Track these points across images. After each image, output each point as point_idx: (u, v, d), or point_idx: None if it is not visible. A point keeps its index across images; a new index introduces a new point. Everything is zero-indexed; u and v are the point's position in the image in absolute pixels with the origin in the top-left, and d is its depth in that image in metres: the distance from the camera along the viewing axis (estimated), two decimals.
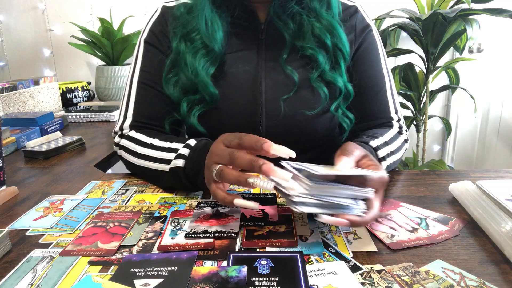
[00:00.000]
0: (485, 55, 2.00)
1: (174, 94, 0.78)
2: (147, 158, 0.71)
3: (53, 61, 2.03)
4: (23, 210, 0.64)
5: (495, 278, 0.43)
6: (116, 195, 0.69)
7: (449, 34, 1.73)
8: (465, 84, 1.92)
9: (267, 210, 0.60)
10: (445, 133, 2.11)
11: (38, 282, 0.44)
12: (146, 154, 0.71)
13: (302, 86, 0.78)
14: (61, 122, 1.23)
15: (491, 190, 0.57)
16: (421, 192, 0.67)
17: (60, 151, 0.97)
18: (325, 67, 0.77)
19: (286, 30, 0.78)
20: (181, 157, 0.65)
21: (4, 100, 1.29)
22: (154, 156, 0.69)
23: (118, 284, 0.42)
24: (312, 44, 0.77)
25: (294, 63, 0.79)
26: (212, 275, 0.44)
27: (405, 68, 1.82)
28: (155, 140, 0.72)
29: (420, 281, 0.43)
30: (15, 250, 0.52)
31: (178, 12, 0.80)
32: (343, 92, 0.79)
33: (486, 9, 1.59)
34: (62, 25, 1.96)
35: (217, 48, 0.76)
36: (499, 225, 0.51)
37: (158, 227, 0.56)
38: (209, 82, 0.75)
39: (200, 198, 0.66)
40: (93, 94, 1.80)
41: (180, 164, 0.64)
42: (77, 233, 0.55)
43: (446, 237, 0.52)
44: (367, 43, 0.83)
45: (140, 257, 0.48)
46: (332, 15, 0.79)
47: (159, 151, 0.69)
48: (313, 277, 0.43)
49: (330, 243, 0.51)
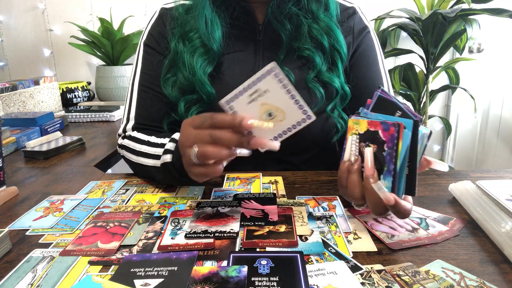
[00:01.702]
0: (485, 55, 2.00)
1: (172, 94, 0.79)
2: (143, 155, 0.72)
3: (53, 61, 2.03)
4: (23, 210, 0.64)
5: (495, 278, 0.43)
6: (116, 195, 0.69)
7: (449, 34, 1.73)
8: (465, 84, 1.92)
9: (267, 210, 0.60)
10: (445, 133, 2.11)
11: (38, 282, 0.44)
12: (142, 151, 0.72)
13: (298, 86, 0.78)
14: (61, 122, 1.23)
15: (491, 190, 0.58)
16: (421, 192, 0.67)
17: (60, 151, 0.97)
18: (322, 67, 0.78)
19: (283, 31, 0.78)
20: (168, 152, 0.65)
21: (4, 100, 1.29)
22: (148, 152, 0.71)
23: (118, 284, 0.42)
24: (309, 45, 0.78)
25: (291, 64, 0.79)
26: (212, 275, 0.44)
27: (405, 68, 1.81)
28: (152, 137, 0.73)
29: (420, 281, 0.43)
30: (15, 250, 0.52)
31: (177, 13, 0.81)
32: (339, 93, 0.79)
33: (486, 9, 1.59)
34: (62, 25, 1.96)
35: (216, 47, 0.77)
36: (499, 225, 0.51)
37: (158, 227, 0.56)
38: (206, 81, 0.76)
39: (200, 198, 0.66)
40: (93, 94, 1.80)
41: (168, 159, 0.65)
42: (77, 233, 0.55)
43: (446, 237, 0.52)
44: (365, 45, 0.84)
45: (140, 257, 0.48)
46: (329, 16, 0.79)
47: (152, 147, 0.71)
48: (313, 277, 0.43)
49: (330, 243, 0.51)
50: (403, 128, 0.47)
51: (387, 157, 0.48)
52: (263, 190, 0.69)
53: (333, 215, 0.59)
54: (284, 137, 0.53)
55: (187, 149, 0.54)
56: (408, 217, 0.54)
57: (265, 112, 0.50)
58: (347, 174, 0.53)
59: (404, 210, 0.49)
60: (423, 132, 0.48)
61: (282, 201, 0.64)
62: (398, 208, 0.49)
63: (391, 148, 0.48)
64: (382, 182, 0.49)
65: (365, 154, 0.50)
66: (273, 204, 0.62)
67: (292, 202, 0.63)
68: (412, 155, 0.47)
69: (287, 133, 0.53)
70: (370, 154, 0.50)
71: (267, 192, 0.67)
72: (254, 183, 0.72)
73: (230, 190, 0.69)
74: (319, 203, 0.63)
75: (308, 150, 0.85)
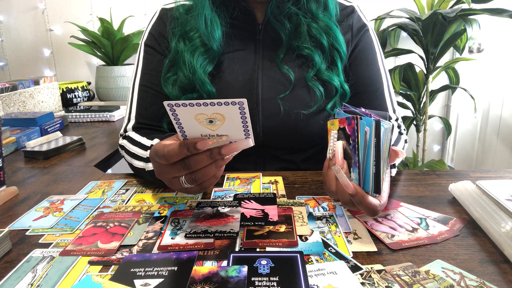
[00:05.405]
0: (485, 55, 2.00)
1: (172, 93, 0.79)
2: (134, 156, 0.72)
3: (53, 61, 2.03)
4: (23, 210, 0.64)
5: (495, 278, 0.43)
6: (116, 195, 0.69)
7: (449, 34, 1.73)
8: (465, 84, 1.92)
9: (267, 210, 0.60)
10: (445, 133, 2.11)
11: (38, 282, 0.44)
12: (133, 152, 0.73)
13: (298, 85, 0.79)
14: (61, 122, 1.23)
15: (491, 190, 0.57)
16: (421, 192, 0.67)
17: (60, 151, 0.97)
18: (321, 66, 0.78)
19: (282, 30, 0.79)
20: (149, 161, 0.66)
21: (4, 100, 1.29)
22: (137, 154, 0.71)
23: (118, 284, 0.42)
24: (308, 44, 0.78)
25: (291, 63, 0.80)
26: (212, 275, 0.44)
27: (405, 68, 1.81)
28: (143, 138, 0.73)
29: (420, 281, 0.43)
30: (15, 250, 0.52)
31: (177, 13, 0.82)
32: (339, 92, 0.79)
33: (486, 9, 1.59)
34: (62, 25, 1.96)
35: (216, 46, 0.77)
36: (499, 225, 0.51)
37: (158, 227, 0.56)
38: (206, 80, 0.76)
39: (200, 198, 0.66)
40: (93, 94, 1.80)
41: (151, 167, 0.65)
42: (77, 233, 0.55)
43: (446, 237, 0.52)
44: (364, 43, 0.84)
45: (140, 257, 0.48)
46: (329, 16, 0.80)
47: (141, 149, 0.71)
48: (313, 277, 0.43)
49: (330, 243, 0.51)
50: (360, 119, 0.50)
51: (352, 149, 0.51)
52: (263, 190, 0.69)
53: (333, 215, 0.59)
54: (250, 131, 0.50)
55: (174, 181, 0.54)
56: (376, 216, 0.56)
57: (204, 120, 0.48)
58: (327, 170, 0.55)
59: (370, 207, 0.49)
60: (386, 127, 0.50)
61: (282, 201, 0.64)
62: (364, 204, 0.49)
63: (354, 140, 0.51)
64: (352, 174, 0.51)
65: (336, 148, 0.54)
66: (273, 204, 0.62)
67: (292, 202, 0.63)
68: (377, 154, 0.49)
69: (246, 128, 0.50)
70: (339, 147, 0.53)
71: (267, 192, 0.67)
72: (254, 183, 0.72)
73: (230, 190, 0.69)
74: (319, 203, 0.63)
75: (308, 148, 0.85)
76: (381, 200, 0.50)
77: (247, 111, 0.46)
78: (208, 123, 0.48)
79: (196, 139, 0.49)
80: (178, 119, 0.48)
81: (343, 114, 0.55)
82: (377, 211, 0.50)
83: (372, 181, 0.50)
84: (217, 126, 0.49)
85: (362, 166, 0.50)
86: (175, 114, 0.48)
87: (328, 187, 0.54)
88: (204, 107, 0.46)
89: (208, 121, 0.48)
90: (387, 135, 0.50)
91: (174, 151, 0.50)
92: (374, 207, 0.49)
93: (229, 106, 0.45)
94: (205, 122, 0.48)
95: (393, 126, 0.52)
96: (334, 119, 0.55)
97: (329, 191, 0.54)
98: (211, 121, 0.48)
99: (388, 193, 0.53)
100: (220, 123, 0.48)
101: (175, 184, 0.54)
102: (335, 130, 0.55)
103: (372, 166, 0.50)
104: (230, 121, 0.48)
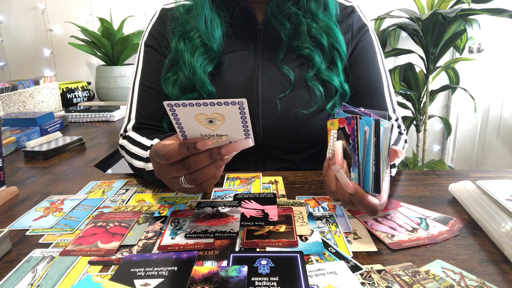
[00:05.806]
0: (485, 55, 2.00)
1: (172, 93, 0.79)
2: (134, 156, 0.72)
3: (53, 61, 2.03)
4: (23, 210, 0.64)
5: (495, 278, 0.43)
6: (116, 195, 0.69)
7: (449, 34, 1.73)
8: (465, 84, 1.92)
9: (267, 210, 0.60)
10: (445, 133, 2.11)
11: (38, 282, 0.44)
12: (133, 152, 0.73)
13: (298, 85, 0.79)
14: (61, 122, 1.23)
15: (491, 190, 0.57)
16: (421, 192, 0.67)
17: (60, 151, 0.97)
18: (321, 66, 0.78)
19: (282, 30, 0.79)
20: (149, 160, 0.66)
21: (4, 100, 1.29)
22: (137, 153, 0.71)
23: (118, 284, 0.42)
24: (308, 44, 0.78)
25: (291, 63, 0.80)
26: (212, 275, 0.44)
27: (405, 68, 1.81)
28: (143, 138, 0.73)
29: (420, 281, 0.43)
30: (15, 250, 0.52)
31: (177, 13, 0.82)
32: (339, 92, 0.79)
33: (486, 9, 1.59)
34: (62, 25, 1.96)
35: (216, 46, 0.77)
36: (499, 225, 0.51)
37: (158, 227, 0.56)
38: (206, 80, 0.76)
39: (200, 198, 0.66)
40: (93, 94, 1.80)
41: (151, 167, 0.65)
42: (77, 233, 0.55)
43: (446, 237, 0.52)
44: (364, 43, 0.84)
45: (140, 257, 0.48)
46: (329, 16, 0.80)
47: (141, 149, 0.71)
48: (313, 277, 0.43)
49: (330, 243, 0.51)
50: (359, 119, 0.50)
51: (352, 149, 0.51)
52: (263, 190, 0.69)
53: (333, 215, 0.59)
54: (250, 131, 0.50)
55: (174, 181, 0.54)
56: (376, 215, 0.56)
57: (204, 120, 0.48)
58: (327, 170, 0.55)
59: (370, 207, 0.49)
60: (385, 126, 0.50)
61: (282, 201, 0.64)
62: (364, 203, 0.49)
63: (354, 140, 0.51)
64: (352, 174, 0.51)
65: (336, 147, 0.54)
66: (273, 204, 0.62)
67: (292, 202, 0.63)
68: (376, 153, 0.49)
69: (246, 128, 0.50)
70: (339, 146, 0.53)
71: (267, 192, 0.67)
72: (254, 183, 0.72)
73: (230, 190, 0.69)
74: (319, 203, 0.63)
75: (308, 148, 0.85)
76: (381, 199, 0.50)
77: (247, 111, 0.46)
78: (208, 123, 0.48)
79: (196, 139, 0.49)
80: (178, 119, 0.48)
81: (343, 114, 0.55)
82: (377, 211, 0.50)
83: (372, 181, 0.50)
84: (217, 126, 0.49)
85: (362, 165, 0.51)
86: (175, 114, 0.48)
87: (328, 187, 0.54)
88: (204, 107, 0.46)
89: (208, 121, 0.48)
90: (386, 134, 0.50)
91: (174, 151, 0.50)
92: (374, 206, 0.49)
93: (229, 106, 0.46)
94: (205, 122, 0.48)
95: (393, 126, 0.52)
96: (333, 119, 0.56)
97: (329, 191, 0.54)
98: (211, 121, 0.48)
99: (388, 193, 0.53)
100: (220, 123, 0.48)
101: (175, 184, 0.54)
102: (334, 130, 0.55)
103: (372, 165, 0.50)
104: (230, 121, 0.48)
